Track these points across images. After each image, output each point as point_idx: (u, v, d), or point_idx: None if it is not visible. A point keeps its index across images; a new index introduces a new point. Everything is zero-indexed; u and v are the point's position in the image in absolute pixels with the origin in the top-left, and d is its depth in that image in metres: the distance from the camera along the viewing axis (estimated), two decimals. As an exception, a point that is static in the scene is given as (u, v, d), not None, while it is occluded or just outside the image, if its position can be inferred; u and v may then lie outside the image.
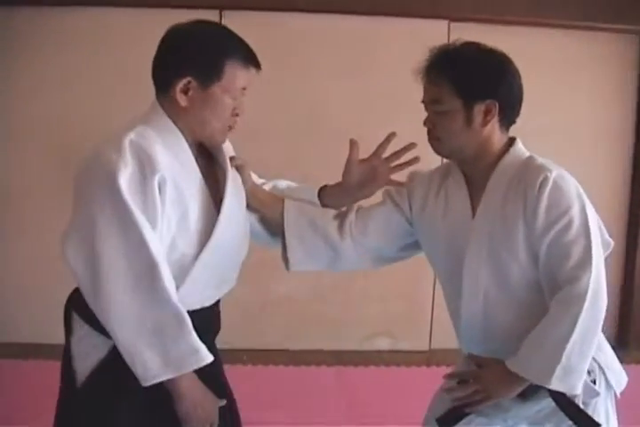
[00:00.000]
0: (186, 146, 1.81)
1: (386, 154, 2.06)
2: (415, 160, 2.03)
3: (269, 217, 2.06)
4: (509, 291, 1.86)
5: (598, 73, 4.61)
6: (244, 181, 1.99)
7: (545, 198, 1.75)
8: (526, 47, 4.07)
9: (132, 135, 1.70)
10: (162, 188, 1.69)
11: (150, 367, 1.67)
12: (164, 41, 1.80)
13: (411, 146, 2.02)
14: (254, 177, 2.10)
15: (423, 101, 1.92)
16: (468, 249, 1.88)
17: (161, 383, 1.69)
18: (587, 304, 1.70)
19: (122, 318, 1.65)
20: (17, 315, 4.46)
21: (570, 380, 1.73)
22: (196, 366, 1.71)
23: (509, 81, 1.85)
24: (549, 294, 1.79)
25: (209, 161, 1.92)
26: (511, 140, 1.92)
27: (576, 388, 1.74)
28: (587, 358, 1.74)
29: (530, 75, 1.95)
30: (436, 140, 1.90)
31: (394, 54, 4.26)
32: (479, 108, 1.83)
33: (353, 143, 2.05)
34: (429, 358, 4.57)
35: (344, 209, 2.09)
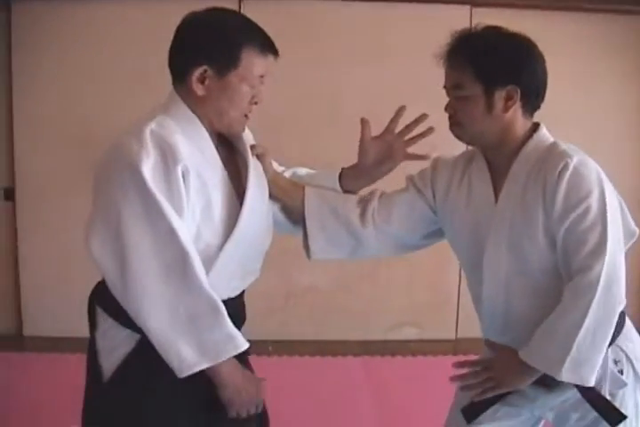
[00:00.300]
0: (206, 135, 1.79)
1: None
2: (429, 131, 2.02)
3: (290, 205, 2.05)
4: (530, 277, 1.83)
5: (626, 58, 4.52)
6: (265, 170, 1.97)
7: (564, 184, 1.72)
8: (551, 32, 4.01)
9: (152, 125, 1.69)
10: (185, 177, 1.67)
11: (185, 358, 1.65)
12: (179, 29, 1.78)
13: (422, 117, 2.02)
14: (274, 165, 2.08)
15: (445, 86, 1.89)
16: (490, 236, 1.85)
17: (191, 376, 1.68)
18: (598, 294, 1.66)
19: (154, 309, 1.63)
20: (38, 309, 4.49)
21: (581, 371, 1.70)
22: (233, 354, 1.70)
23: (532, 66, 1.81)
24: (567, 281, 1.76)
25: (230, 150, 1.91)
26: (535, 126, 1.89)
27: (588, 380, 1.70)
28: (599, 349, 1.70)
29: (554, 60, 1.91)
30: (457, 126, 1.87)
31: (416, 40, 4.19)
32: (500, 94, 1.80)
33: (364, 122, 2.04)
34: (456, 346, 4.56)
35: (366, 196, 2.07)
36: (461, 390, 1.88)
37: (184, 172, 1.66)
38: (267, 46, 1.77)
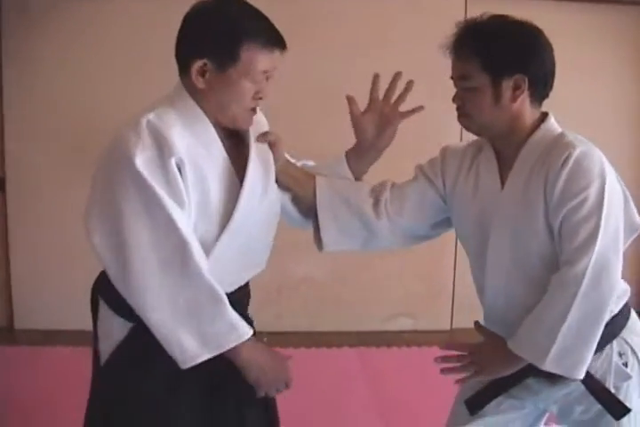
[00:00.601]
0: (209, 127, 1.76)
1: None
2: (410, 84, 1.98)
3: (302, 195, 2.01)
4: (531, 267, 1.81)
5: (631, 48, 4.53)
6: (275, 159, 1.91)
7: (565, 174, 1.70)
8: (547, 21, 3.96)
9: (150, 116, 1.67)
10: (181, 169, 1.66)
11: (187, 349, 1.66)
12: (185, 19, 1.75)
13: (397, 76, 1.99)
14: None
15: (452, 78, 1.86)
16: (493, 226, 1.84)
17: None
18: (584, 288, 1.65)
19: (155, 301, 1.64)
20: (29, 301, 4.45)
21: (566, 363, 1.69)
22: (235, 344, 1.69)
23: (539, 54, 1.79)
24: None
25: (238, 141, 1.86)
26: (543, 116, 1.86)
27: (573, 372, 1.69)
28: (587, 342, 1.68)
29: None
30: (465, 117, 1.85)
31: (412, 30, 4.22)
32: (507, 84, 1.77)
33: (350, 99, 2.01)
34: (451, 337, 4.57)
35: (377, 186, 2.04)
36: (442, 373, 1.85)
37: (179, 164, 1.65)
38: (271, 41, 1.71)
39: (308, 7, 4.29)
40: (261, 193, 1.84)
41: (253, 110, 1.79)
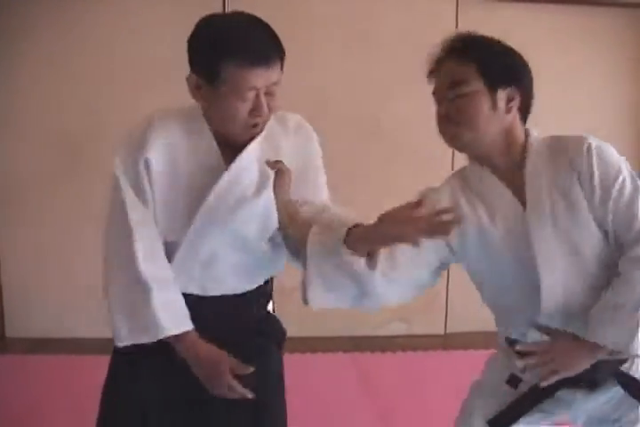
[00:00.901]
0: (208, 135, 1.78)
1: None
2: (457, 219, 1.67)
3: (292, 235, 1.88)
4: (587, 273, 1.76)
5: (616, 49, 4.54)
6: (275, 191, 1.80)
7: (596, 165, 1.70)
8: (537, 23, 3.99)
9: (153, 120, 1.78)
10: (149, 170, 1.74)
11: (118, 330, 1.75)
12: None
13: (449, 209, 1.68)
14: (325, 199, 1.93)
15: (437, 88, 1.80)
16: (534, 241, 1.75)
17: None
18: None
19: (109, 282, 1.77)
20: (20, 310, 4.40)
21: None
22: (154, 338, 1.73)
23: (528, 74, 1.80)
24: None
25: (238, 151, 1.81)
26: (527, 132, 1.84)
27: None
28: None
29: (541, 52, 1.87)
30: (454, 127, 1.76)
31: (400, 34, 4.21)
32: (502, 94, 1.75)
33: (420, 200, 1.65)
34: (445, 342, 4.57)
35: None
36: (521, 373, 1.81)
37: (147, 163, 1.74)
38: (252, 58, 1.65)
39: (298, 13, 4.30)
40: (240, 197, 1.80)
41: (254, 126, 1.75)
